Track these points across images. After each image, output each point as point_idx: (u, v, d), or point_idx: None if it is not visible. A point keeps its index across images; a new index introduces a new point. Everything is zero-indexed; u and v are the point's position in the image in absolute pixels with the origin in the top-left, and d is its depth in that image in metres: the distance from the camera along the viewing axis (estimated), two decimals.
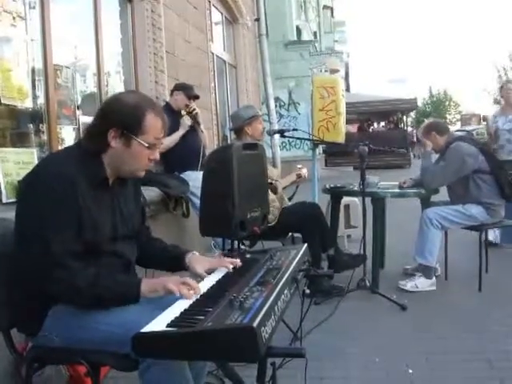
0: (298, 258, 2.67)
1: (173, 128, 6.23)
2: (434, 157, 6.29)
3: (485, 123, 9.08)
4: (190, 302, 2.22)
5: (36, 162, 4.38)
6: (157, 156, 2.56)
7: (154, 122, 2.48)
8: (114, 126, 2.43)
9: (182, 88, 6.51)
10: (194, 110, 6.42)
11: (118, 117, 2.44)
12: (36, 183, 2.36)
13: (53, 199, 2.30)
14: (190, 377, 2.31)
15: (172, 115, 6.30)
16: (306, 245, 3.00)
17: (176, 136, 6.21)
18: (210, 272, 2.74)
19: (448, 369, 3.86)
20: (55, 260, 2.28)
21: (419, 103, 45.96)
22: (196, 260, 2.80)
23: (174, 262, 2.86)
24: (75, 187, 2.34)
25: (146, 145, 2.47)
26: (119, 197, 2.65)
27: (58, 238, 2.28)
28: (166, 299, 2.33)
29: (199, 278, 2.68)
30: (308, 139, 7.54)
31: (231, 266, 2.75)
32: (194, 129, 6.41)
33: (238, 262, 2.81)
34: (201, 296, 2.30)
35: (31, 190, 2.37)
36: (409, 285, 5.68)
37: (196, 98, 6.55)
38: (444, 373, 3.80)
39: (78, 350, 2.40)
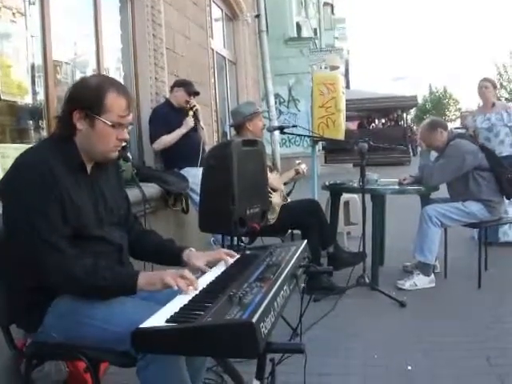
0: (297, 255, 2.67)
1: (173, 124, 6.23)
2: (433, 155, 6.29)
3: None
4: (190, 297, 2.22)
5: None
6: (125, 136, 2.54)
7: (116, 101, 2.47)
8: (77, 107, 2.44)
9: (182, 84, 6.50)
10: (194, 106, 6.42)
11: (80, 98, 2.46)
12: (15, 178, 2.37)
13: (34, 189, 2.30)
14: (187, 375, 2.31)
15: (172, 112, 6.32)
16: (305, 241, 2.99)
17: (177, 134, 6.21)
18: (209, 266, 2.74)
19: (447, 365, 3.86)
20: (48, 244, 2.29)
21: (419, 100, 45.96)
22: (194, 256, 2.80)
23: (171, 257, 2.86)
24: (53, 173, 2.34)
25: (109, 123, 2.46)
26: (100, 182, 2.65)
27: (46, 223, 2.29)
28: (165, 294, 2.33)
29: (199, 272, 2.68)
30: (308, 136, 7.53)
31: (229, 259, 2.75)
32: (194, 125, 6.41)
33: (234, 253, 2.82)
34: (200, 291, 2.30)
35: (12, 186, 2.38)
36: (407, 284, 5.67)
37: (196, 94, 6.55)
38: (443, 369, 3.81)
39: (78, 346, 2.40)
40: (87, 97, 2.45)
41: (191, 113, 6.38)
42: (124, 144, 2.63)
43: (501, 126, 7.40)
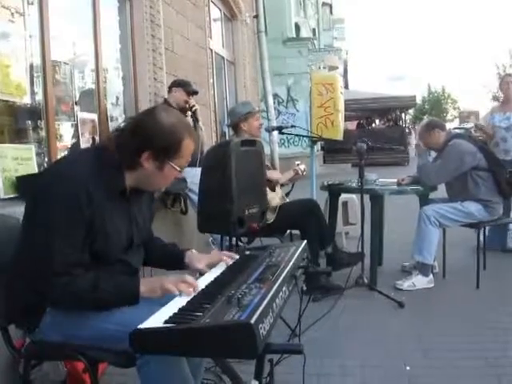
0: (296, 255, 2.67)
1: None
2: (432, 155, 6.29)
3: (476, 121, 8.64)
4: (188, 298, 2.22)
5: (34, 157, 4.38)
6: (182, 175, 2.56)
7: (188, 147, 2.47)
8: (150, 148, 2.39)
9: (181, 84, 6.49)
10: (194, 106, 6.41)
11: (155, 140, 2.38)
12: (49, 186, 2.31)
13: (64, 206, 2.25)
14: (189, 371, 2.31)
15: None
16: (305, 241, 3.00)
17: None
18: (209, 267, 2.75)
19: (445, 366, 3.87)
20: (57, 269, 2.26)
21: (418, 100, 45.95)
22: (195, 258, 2.81)
23: (173, 261, 2.87)
24: (90, 195, 2.29)
25: (179, 170, 2.47)
26: (135, 206, 2.62)
27: (64, 248, 2.26)
28: (165, 296, 2.33)
29: (197, 274, 2.68)
30: (306, 136, 7.52)
31: (229, 260, 2.75)
32: (193, 125, 6.40)
33: (235, 256, 2.83)
34: (199, 292, 2.30)
35: (43, 192, 2.32)
36: (406, 284, 5.67)
37: (195, 93, 6.54)
38: (441, 370, 3.81)
39: (76, 347, 2.40)
40: (163, 141, 2.39)
41: (189, 112, 6.38)
42: None
43: None
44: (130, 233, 2.56)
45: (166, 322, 1.96)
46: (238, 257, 2.85)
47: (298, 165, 6.04)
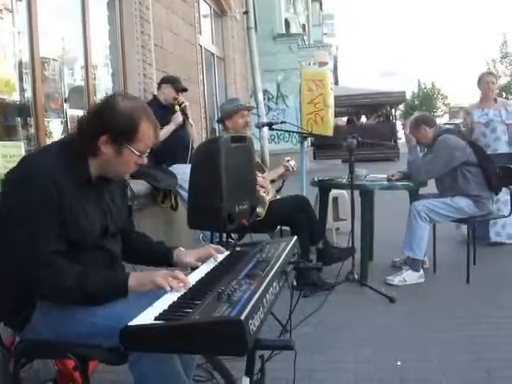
0: (287, 251, 2.67)
1: (161, 122, 6.18)
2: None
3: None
4: (179, 294, 2.22)
5: (23, 155, 4.36)
6: (144, 161, 2.54)
7: (147, 131, 2.47)
8: (107, 132, 2.40)
9: (170, 81, 6.47)
10: (183, 102, 6.39)
11: (112, 124, 2.41)
12: (20, 181, 2.34)
13: (38, 198, 2.28)
14: (181, 368, 2.31)
15: (160, 109, 6.27)
16: (295, 237, 3.00)
17: (167, 130, 6.17)
18: (199, 261, 2.74)
19: (436, 360, 3.88)
20: (41, 259, 2.27)
21: (408, 96, 46.03)
22: (183, 254, 2.81)
23: (161, 258, 2.86)
24: (58, 185, 2.31)
25: (138, 154, 2.47)
26: (105, 194, 2.63)
27: (45, 237, 2.28)
28: (154, 291, 2.33)
29: (188, 270, 2.68)
30: (296, 132, 7.54)
31: (217, 255, 2.76)
32: (182, 122, 6.38)
33: (222, 249, 2.83)
34: (189, 289, 2.29)
35: (15, 187, 2.34)
36: (396, 279, 5.68)
37: (184, 90, 6.53)
38: (432, 364, 3.82)
39: (66, 344, 2.39)
40: (120, 125, 2.41)
41: (177, 107, 6.35)
42: None
43: (498, 123, 7.29)
44: (103, 220, 2.57)
45: (156, 318, 1.95)
46: (225, 250, 2.85)
47: (288, 161, 6.03)
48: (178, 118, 6.27)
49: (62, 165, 2.38)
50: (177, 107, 6.34)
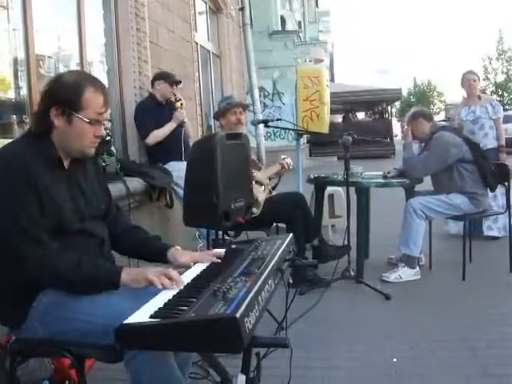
0: (282, 248, 2.67)
1: (160, 119, 6.19)
2: (415, 147, 6.31)
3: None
4: (174, 292, 2.22)
5: None
6: (102, 132, 2.54)
7: (93, 98, 2.47)
8: (54, 104, 2.44)
9: (163, 77, 6.44)
10: (180, 99, 6.38)
11: (57, 95, 2.45)
12: None
13: (11, 185, 2.31)
14: (176, 366, 2.31)
15: (158, 106, 6.28)
16: (291, 235, 3.00)
17: (169, 128, 6.17)
18: (194, 263, 2.73)
19: (432, 357, 3.88)
20: (29, 237, 2.30)
21: (404, 93, 46.07)
22: (179, 253, 2.79)
23: (156, 254, 2.86)
24: (30, 170, 2.34)
25: (87, 120, 2.46)
26: (78, 177, 2.64)
27: (25, 217, 2.30)
28: (150, 289, 2.33)
29: (182, 269, 2.67)
30: (292, 129, 7.54)
31: (215, 259, 2.75)
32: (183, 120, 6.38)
33: (221, 252, 2.81)
34: (185, 287, 2.29)
35: None
36: (392, 276, 5.69)
37: (178, 83, 6.51)
38: (428, 361, 3.83)
39: (62, 343, 2.39)
40: (65, 94, 2.45)
41: (178, 104, 6.34)
42: (108, 138, 2.63)
43: (485, 119, 7.39)
44: (75, 202, 2.57)
45: (151, 316, 1.96)
46: (223, 253, 2.83)
47: (283, 159, 6.02)
48: (180, 115, 6.26)
49: (28, 149, 2.42)
50: (178, 104, 6.33)
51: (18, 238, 2.30)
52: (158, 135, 6.14)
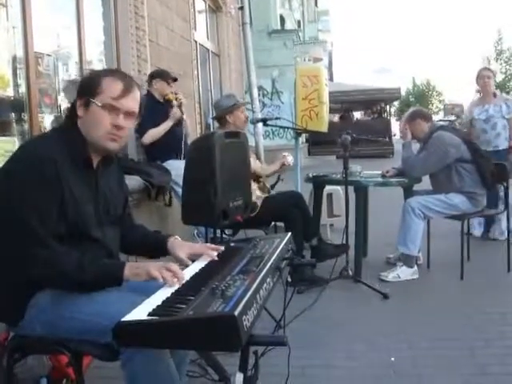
0: (281, 247, 2.67)
1: (158, 117, 6.18)
2: (415, 147, 6.31)
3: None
4: (172, 290, 2.21)
5: None
6: (120, 122, 2.48)
7: (110, 83, 2.47)
8: (78, 95, 2.48)
9: (159, 75, 6.44)
10: (180, 99, 6.38)
11: (81, 85, 2.51)
12: (15, 167, 2.36)
13: (33, 180, 2.29)
14: (173, 365, 2.31)
15: (156, 104, 6.27)
16: (289, 233, 3.00)
17: (165, 126, 6.16)
18: (192, 258, 2.73)
19: (430, 356, 3.89)
20: (37, 239, 2.27)
21: (403, 93, 46.07)
22: (177, 245, 2.79)
23: (156, 247, 2.85)
24: (57, 169, 2.32)
25: (99, 104, 2.44)
26: (103, 179, 2.63)
27: (39, 218, 2.28)
28: (148, 287, 2.33)
29: (183, 265, 2.67)
30: (291, 128, 7.53)
31: (215, 254, 2.74)
32: (181, 118, 6.38)
33: (221, 248, 2.81)
34: (183, 284, 2.29)
35: (9, 174, 2.36)
36: (390, 275, 5.69)
37: (174, 80, 6.51)
38: (426, 360, 3.83)
39: (60, 340, 2.39)
40: (86, 81, 2.50)
41: (175, 102, 6.34)
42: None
43: (498, 119, 7.26)
44: (96, 204, 2.56)
45: (149, 314, 1.95)
46: (222, 248, 2.83)
47: (284, 156, 6.02)
48: (177, 113, 6.26)
49: (60, 146, 2.41)
50: (175, 102, 6.32)
51: (25, 238, 2.28)
52: (153, 134, 6.13)
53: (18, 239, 2.30)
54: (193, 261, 2.70)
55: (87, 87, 2.47)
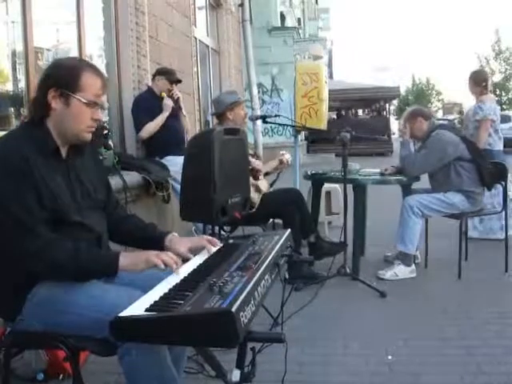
0: (280, 244, 2.67)
1: (156, 113, 6.19)
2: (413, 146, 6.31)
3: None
4: (170, 286, 2.21)
5: None
6: (100, 116, 2.54)
7: (91, 80, 2.48)
8: (52, 86, 2.44)
9: (164, 73, 6.47)
10: (177, 95, 6.39)
11: (55, 77, 2.46)
12: None
13: (8, 178, 2.29)
14: (170, 360, 2.31)
15: (155, 100, 6.28)
16: (288, 230, 3.00)
17: (161, 119, 6.18)
18: (192, 252, 2.73)
19: (426, 355, 3.89)
20: (26, 229, 2.28)
21: (402, 91, 46.09)
22: (177, 241, 2.79)
23: (153, 241, 2.83)
24: (27, 161, 2.32)
25: (85, 101, 2.45)
26: (75, 167, 2.62)
27: (23, 209, 2.28)
28: (147, 281, 2.33)
29: (183, 259, 2.67)
30: (290, 125, 7.53)
31: (211, 247, 2.75)
32: (175, 114, 6.38)
33: (216, 241, 2.82)
34: (181, 280, 2.29)
35: None
36: (388, 274, 5.69)
37: (178, 82, 6.53)
38: (422, 359, 3.83)
39: (57, 335, 2.39)
40: (63, 75, 2.45)
41: (164, 94, 6.35)
42: (106, 132, 2.63)
43: (469, 121, 7.23)
44: (72, 192, 2.55)
45: (146, 310, 1.95)
46: (219, 242, 2.84)
47: (282, 154, 6.03)
48: (168, 103, 6.26)
49: (24, 139, 2.41)
50: (163, 94, 6.33)
51: (14, 230, 2.29)
52: (149, 128, 6.15)
53: (6, 233, 2.31)
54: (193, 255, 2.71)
55: (66, 81, 2.44)
